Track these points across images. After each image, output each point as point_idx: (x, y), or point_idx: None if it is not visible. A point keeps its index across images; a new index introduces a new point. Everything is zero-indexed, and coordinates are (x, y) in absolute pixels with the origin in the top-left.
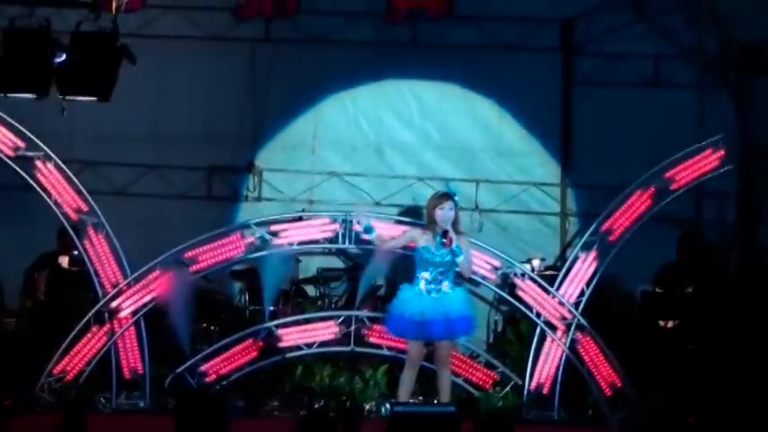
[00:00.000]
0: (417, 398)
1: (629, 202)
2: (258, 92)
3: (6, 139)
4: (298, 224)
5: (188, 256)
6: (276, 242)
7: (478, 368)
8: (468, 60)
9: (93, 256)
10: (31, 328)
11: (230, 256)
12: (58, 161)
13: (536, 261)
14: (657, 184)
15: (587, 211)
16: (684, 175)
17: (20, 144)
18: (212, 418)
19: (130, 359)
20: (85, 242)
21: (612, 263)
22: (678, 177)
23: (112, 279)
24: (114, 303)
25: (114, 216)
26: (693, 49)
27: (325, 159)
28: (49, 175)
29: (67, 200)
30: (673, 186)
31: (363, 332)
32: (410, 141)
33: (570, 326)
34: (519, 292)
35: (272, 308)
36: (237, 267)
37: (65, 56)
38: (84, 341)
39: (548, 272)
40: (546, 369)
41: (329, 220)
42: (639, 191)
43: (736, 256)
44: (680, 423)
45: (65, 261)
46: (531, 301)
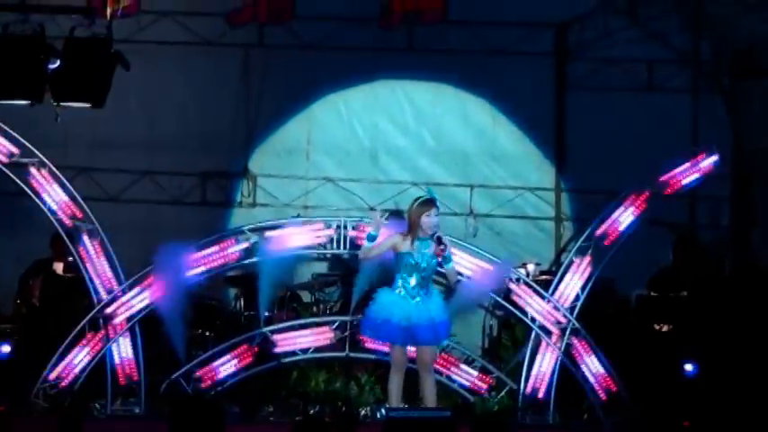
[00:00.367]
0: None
1: (623, 206)
2: (252, 97)
3: (0, 146)
4: (292, 230)
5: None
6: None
7: (474, 373)
8: (463, 65)
9: (88, 262)
10: (26, 335)
11: (225, 261)
12: (52, 167)
13: (531, 266)
14: (651, 189)
15: (582, 216)
16: (678, 179)
17: (14, 150)
18: (208, 423)
19: (125, 365)
20: (80, 248)
21: (607, 267)
22: (672, 182)
23: (107, 285)
24: (109, 309)
25: (109, 222)
26: (687, 53)
27: (320, 165)
28: (43, 182)
29: (62, 206)
30: (667, 191)
31: (358, 337)
32: (404, 146)
33: (565, 330)
34: (514, 297)
35: (267, 313)
36: (232, 273)
37: (59, 62)
38: (80, 347)
39: (543, 276)
40: (541, 373)
41: (323, 225)
42: (634, 195)
43: (731, 260)
44: (675, 427)
45: (59, 267)
46: (527, 306)
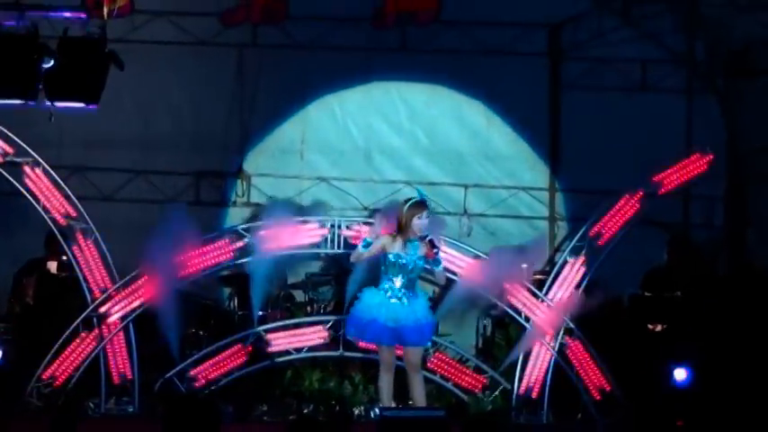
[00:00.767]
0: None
1: (617, 206)
2: (246, 97)
3: None
4: (286, 229)
5: (177, 260)
6: (264, 247)
7: (468, 372)
8: (457, 65)
9: (82, 261)
10: (19, 334)
11: (219, 260)
12: (46, 167)
13: (525, 265)
14: (645, 189)
15: (576, 216)
16: (672, 179)
17: (8, 150)
18: (202, 423)
19: (119, 364)
20: (74, 247)
21: (601, 267)
22: (666, 181)
23: (101, 284)
24: (103, 308)
25: (103, 221)
26: (681, 53)
27: (314, 164)
28: (37, 181)
29: (56, 205)
30: (661, 190)
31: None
32: (399, 146)
33: (559, 330)
34: (508, 297)
35: (260, 313)
36: (226, 272)
37: (53, 61)
38: (73, 346)
39: (537, 276)
40: (535, 373)
41: (318, 224)
42: (627, 195)
43: (725, 260)
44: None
45: (53, 266)
46: (520, 306)
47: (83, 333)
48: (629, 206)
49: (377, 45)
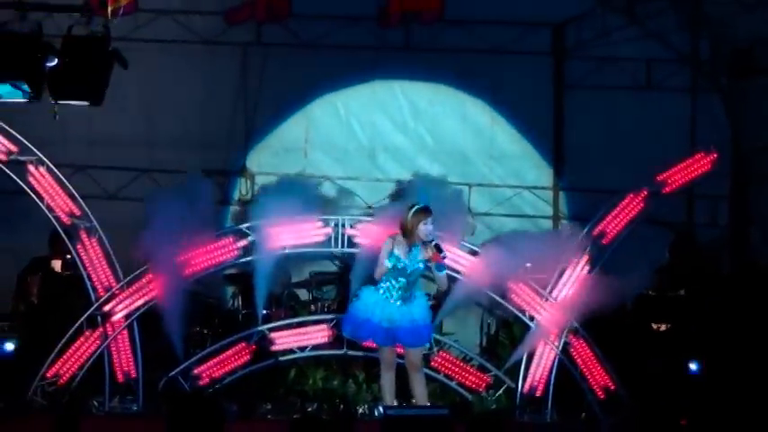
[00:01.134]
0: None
1: (621, 205)
2: (250, 95)
3: None
4: (290, 227)
5: (181, 259)
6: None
7: (472, 371)
8: (461, 64)
9: (86, 259)
10: (24, 332)
11: (223, 259)
12: (50, 165)
13: (529, 264)
14: (650, 188)
15: (580, 215)
16: (676, 178)
17: (12, 148)
18: (206, 421)
19: (123, 363)
20: (78, 246)
21: (605, 266)
22: (670, 180)
23: (105, 283)
24: (107, 307)
25: (107, 220)
26: (685, 52)
27: (317, 163)
28: (41, 180)
29: (60, 204)
30: (665, 189)
31: None
32: (403, 145)
33: (563, 329)
34: (512, 296)
35: (264, 311)
36: (230, 271)
37: (56, 60)
38: (77, 345)
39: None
40: (539, 372)
41: (321, 223)
42: (632, 194)
43: (729, 259)
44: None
45: (57, 265)
46: (524, 305)
47: (87, 331)
48: (633, 205)
49: (381, 44)
